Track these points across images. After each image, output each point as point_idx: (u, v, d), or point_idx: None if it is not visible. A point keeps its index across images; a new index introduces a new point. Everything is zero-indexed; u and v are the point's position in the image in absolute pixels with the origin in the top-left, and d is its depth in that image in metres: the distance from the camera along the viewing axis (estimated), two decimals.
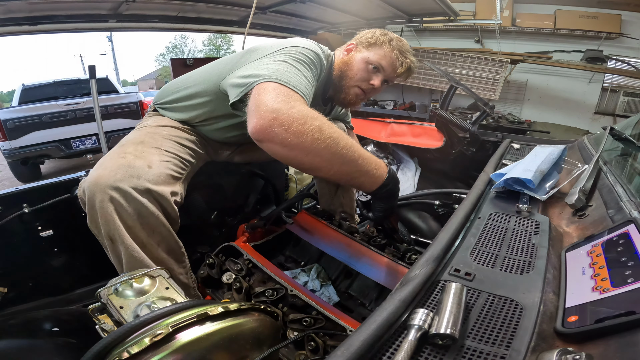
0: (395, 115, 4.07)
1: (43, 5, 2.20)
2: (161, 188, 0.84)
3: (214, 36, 22.18)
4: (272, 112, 0.69)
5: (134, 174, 0.81)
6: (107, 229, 0.79)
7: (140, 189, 0.80)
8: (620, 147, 1.09)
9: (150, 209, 0.81)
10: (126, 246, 0.79)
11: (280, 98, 0.71)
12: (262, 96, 0.73)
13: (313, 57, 0.91)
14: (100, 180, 0.78)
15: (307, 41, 0.96)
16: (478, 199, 0.82)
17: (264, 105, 0.70)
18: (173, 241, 0.89)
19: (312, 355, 0.74)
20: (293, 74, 0.80)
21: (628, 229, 0.53)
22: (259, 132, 0.70)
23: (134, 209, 0.79)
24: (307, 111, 0.72)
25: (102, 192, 0.77)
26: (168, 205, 0.85)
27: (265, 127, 0.69)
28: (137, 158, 0.85)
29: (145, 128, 1.01)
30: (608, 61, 3.87)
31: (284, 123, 0.68)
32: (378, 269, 1.00)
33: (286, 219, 1.22)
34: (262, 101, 0.71)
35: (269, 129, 0.68)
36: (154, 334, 0.43)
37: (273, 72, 0.79)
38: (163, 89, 1.14)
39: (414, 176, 2.16)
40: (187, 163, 0.98)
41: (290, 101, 0.72)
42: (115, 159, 0.83)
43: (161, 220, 0.84)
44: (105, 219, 0.78)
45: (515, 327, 0.43)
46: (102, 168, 0.80)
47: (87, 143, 4.53)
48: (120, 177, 0.78)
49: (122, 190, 0.78)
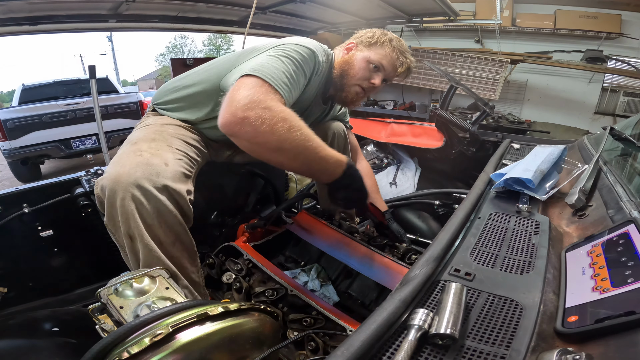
0: (395, 115, 4.07)
1: (43, 5, 2.19)
2: (178, 186, 0.84)
3: (214, 36, 22.20)
4: (244, 111, 0.71)
5: (153, 171, 0.80)
6: (127, 227, 0.79)
7: (160, 187, 0.80)
8: (620, 147, 1.09)
9: (169, 207, 0.81)
10: (145, 244, 0.79)
11: (256, 96, 0.73)
12: (238, 91, 0.74)
13: (306, 54, 0.91)
14: (121, 178, 0.77)
15: (305, 39, 0.96)
16: (478, 199, 0.82)
17: (236, 101, 0.72)
18: (187, 239, 0.88)
19: (312, 355, 0.74)
20: (277, 70, 0.81)
21: (628, 229, 0.53)
22: (228, 127, 0.73)
23: (153, 207, 0.79)
24: (279, 112, 0.73)
25: (124, 190, 0.77)
26: (184, 203, 0.85)
27: (234, 124, 0.71)
28: (153, 156, 0.84)
29: (151, 126, 1.00)
30: (608, 61, 3.86)
31: (254, 123, 0.70)
32: (378, 269, 1.00)
33: (286, 219, 1.22)
34: (236, 97, 0.73)
35: (238, 126, 0.71)
36: (154, 334, 0.43)
37: (257, 65, 0.80)
38: (161, 89, 1.13)
39: (414, 176, 2.16)
40: (195, 161, 0.97)
41: (266, 100, 0.73)
42: (132, 157, 0.83)
43: (178, 219, 0.84)
44: (126, 217, 0.78)
45: (515, 327, 0.43)
46: (120, 166, 0.80)
47: (87, 143, 4.53)
48: (140, 175, 0.78)
49: (143, 188, 0.77)
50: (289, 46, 0.89)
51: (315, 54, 0.95)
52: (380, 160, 2.30)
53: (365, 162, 1.49)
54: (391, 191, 2.10)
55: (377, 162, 2.29)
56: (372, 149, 2.36)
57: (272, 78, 0.78)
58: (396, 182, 2.15)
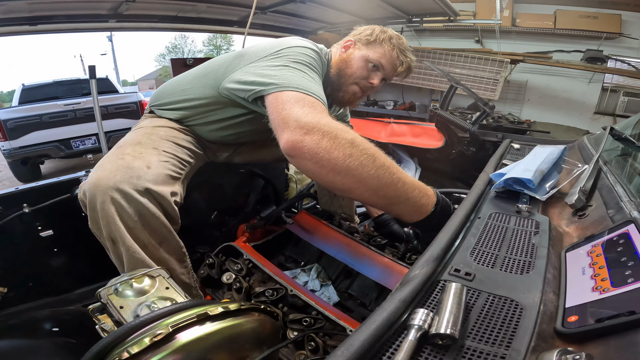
0: (395, 115, 4.07)
1: (43, 5, 2.20)
2: (161, 188, 0.84)
3: (214, 36, 22.20)
4: (303, 127, 0.66)
5: (134, 174, 0.80)
6: (109, 230, 0.79)
7: (141, 190, 0.80)
8: (620, 147, 1.09)
9: (151, 210, 0.81)
10: (127, 247, 0.79)
11: (307, 110, 0.69)
12: (287, 109, 0.70)
13: (315, 57, 0.90)
14: (100, 182, 0.78)
15: (302, 40, 0.93)
16: (478, 199, 0.82)
17: (293, 119, 0.68)
18: (174, 241, 0.89)
19: (312, 355, 0.74)
20: (307, 80, 0.78)
21: (628, 229, 0.53)
22: (292, 148, 0.67)
23: (134, 209, 0.79)
24: (336, 124, 0.68)
25: (103, 194, 0.77)
26: (168, 205, 0.85)
27: (297, 142, 0.66)
28: (135, 159, 0.85)
29: (142, 129, 1.00)
30: (608, 61, 3.87)
31: (314, 138, 0.65)
32: (378, 269, 1.00)
33: (286, 219, 1.22)
34: (290, 115, 0.69)
35: (301, 144, 0.65)
36: (154, 334, 0.43)
37: (287, 79, 0.76)
38: (158, 90, 1.13)
39: (414, 176, 2.16)
40: (185, 163, 0.97)
41: (317, 112, 0.69)
42: (114, 161, 0.83)
43: (162, 221, 0.84)
44: (107, 221, 0.78)
45: (515, 327, 0.43)
46: (102, 170, 0.80)
47: (87, 143, 4.54)
48: (120, 179, 0.78)
49: (122, 192, 0.78)
50: (295, 50, 0.86)
51: (320, 55, 0.93)
52: None
53: None
54: None
55: None
56: None
57: (310, 90, 0.75)
58: None
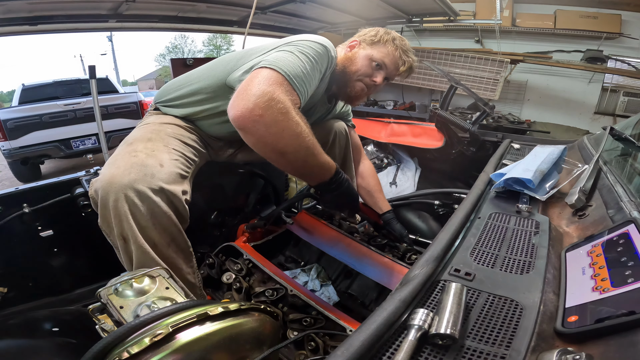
0: (395, 115, 4.06)
1: (43, 5, 2.20)
2: (173, 187, 0.83)
3: (214, 36, 22.19)
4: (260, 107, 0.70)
5: (148, 172, 0.80)
6: (120, 229, 0.79)
7: (155, 189, 0.79)
8: (620, 147, 1.09)
9: (164, 209, 0.81)
10: (138, 246, 0.79)
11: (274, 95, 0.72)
12: (254, 83, 0.73)
13: (320, 50, 0.91)
14: (114, 179, 0.77)
15: (317, 36, 0.96)
16: (478, 199, 0.82)
17: (252, 94, 0.71)
18: (182, 240, 0.88)
19: (312, 355, 0.74)
20: (293, 65, 0.81)
21: (628, 229, 0.53)
22: (240, 121, 0.72)
23: (147, 208, 0.79)
24: (293, 116, 0.73)
25: (116, 192, 0.76)
26: (179, 204, 0.85)
27: (248, 119, 0.70)
28: (148, 157, 0.84)
29: (149, 125, 1.00)
30: (608, 61, 3.86)
31: (267, 123, 0.70)
32: (378, 269, 1.00)
33: (286, 219, 1.22)
34: (252, 90, 0.72)
35: (251, 123, 0.71)
36: (154, 334, 0.43)
37: (273, 59, 0.80)
38: (164, 87, 1.13)
39: (414, 176, 2.16)
40: (191, 162, 0.97)
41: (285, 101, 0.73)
42: (127, 158, 0.82)
43: (173, 220, 0.84)
44: (119, 219, 0.78)
45: (515, 327, 0.43)
46: (115, 167, 0.80)
47: (87, 143, 4.53)
48: (134, 177, 0.78)
49: (137, 190, 0.77)
50: (303, 42, 0.89)
51: (328, 49, 0.95)
52: (380, 160, 2.30)
53: (368, 162, 1.49)
54: (391, 191, 2.11)
55: (377, 162, 2.29)
56: (372, 149, 2.37)
57: (290, 74, 0.78)
58: (396, 182, 2.15)
